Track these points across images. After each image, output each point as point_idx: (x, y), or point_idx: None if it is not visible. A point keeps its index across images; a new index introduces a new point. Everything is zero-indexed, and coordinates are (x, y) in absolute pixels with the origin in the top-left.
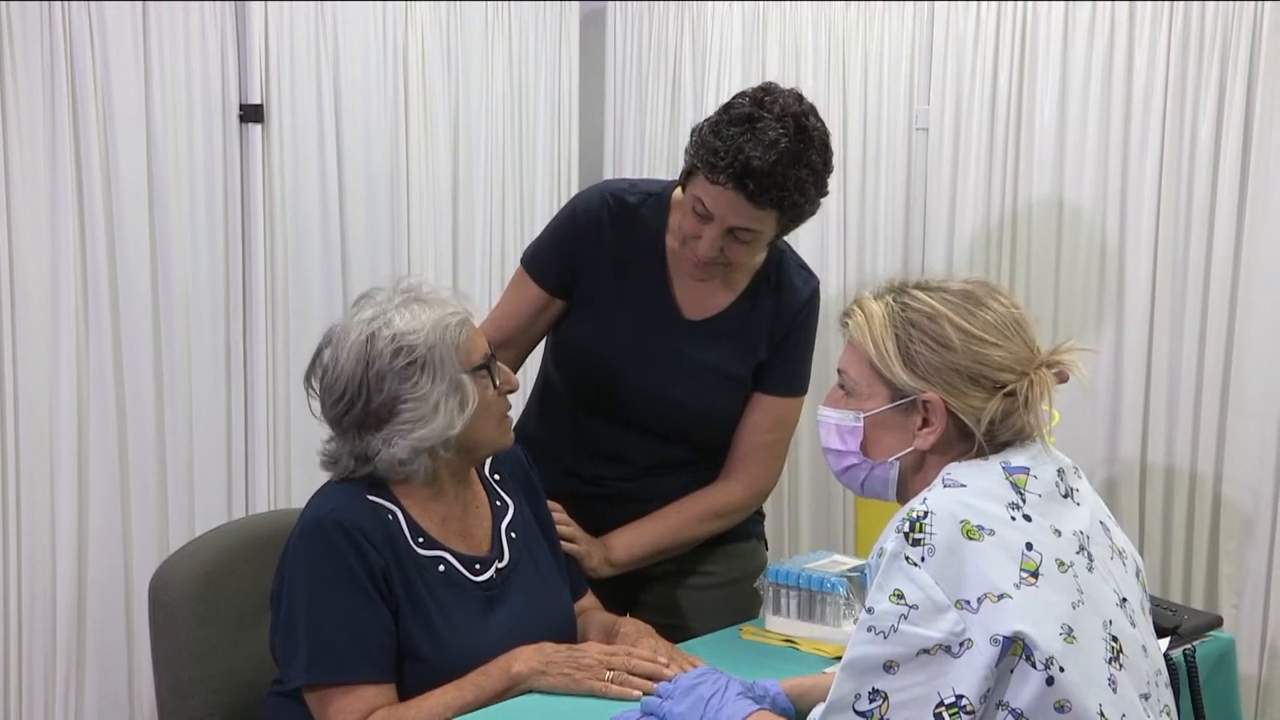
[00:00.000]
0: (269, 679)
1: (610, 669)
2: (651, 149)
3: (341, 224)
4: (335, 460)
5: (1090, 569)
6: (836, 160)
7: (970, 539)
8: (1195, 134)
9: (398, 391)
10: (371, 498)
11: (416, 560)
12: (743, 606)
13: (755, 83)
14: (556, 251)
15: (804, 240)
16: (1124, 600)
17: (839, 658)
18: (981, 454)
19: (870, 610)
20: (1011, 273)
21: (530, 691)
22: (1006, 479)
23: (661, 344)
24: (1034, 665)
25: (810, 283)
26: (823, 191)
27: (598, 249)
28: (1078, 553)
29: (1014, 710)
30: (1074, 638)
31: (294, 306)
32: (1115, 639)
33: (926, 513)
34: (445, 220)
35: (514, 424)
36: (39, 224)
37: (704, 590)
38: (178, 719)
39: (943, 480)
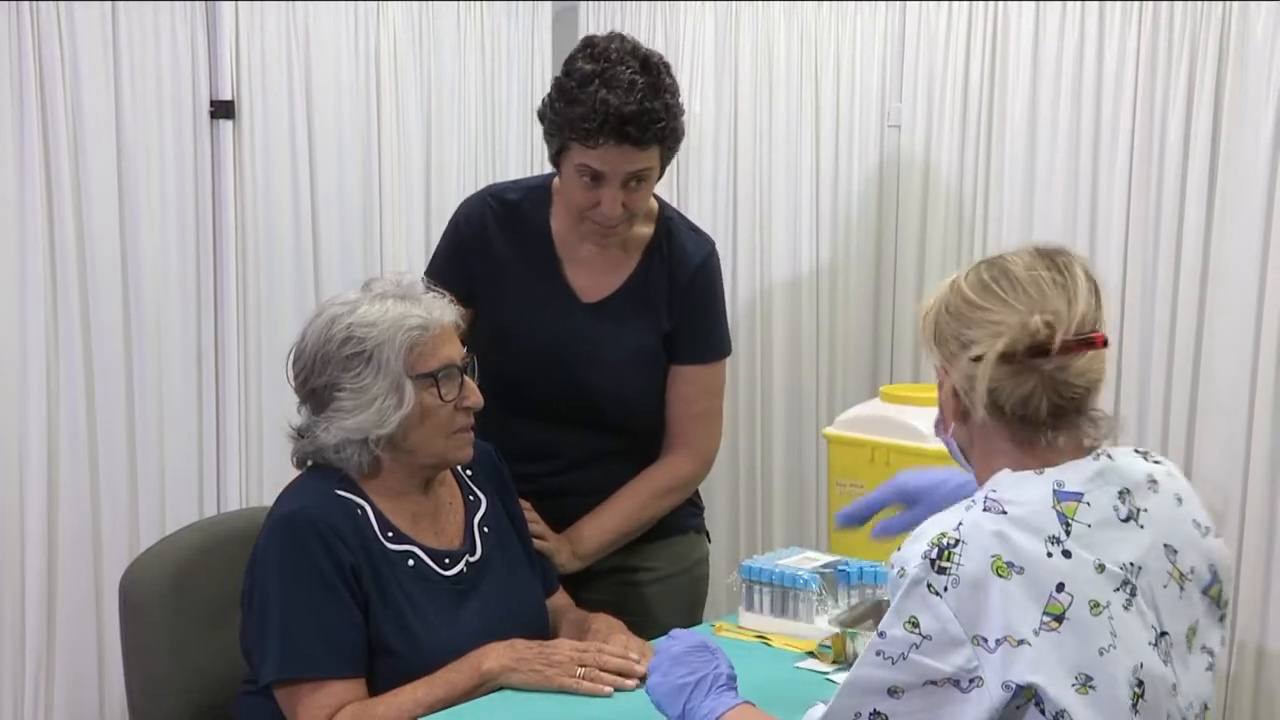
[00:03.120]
0: (240, 677)
1: (581, 665)
2: None
3: (313, 221)
4: (300, 434)
5: (1128, 606)
6: (810, 156)
7: (999, 576)
8: (1164, 132)
9: (337, 379)
10: (341, 493)
11: (386, 555)
12: (687, 600)
13: (728, 83)
14: (450, 263)
15: (778, 234)
16: (1162, 634)
17: (811, 653)
18: (1028, 445)
19: (882, 634)
20: None
21: (501, 688)
22: (1054, 506)
23: (565, 331)
24: (1043, 713)
25: (703, 245)
26: (682, 110)
27: (488, 251)
28: (1117, 589)
29: None
30: (1092, 687)
31: (265, 303)
32: (1141, 683)
33: (958, 541)
34: (418, 218)
35: None
36: (7, 221)
37: (648, 585)
38: (148, 717)
39: (985, 498)
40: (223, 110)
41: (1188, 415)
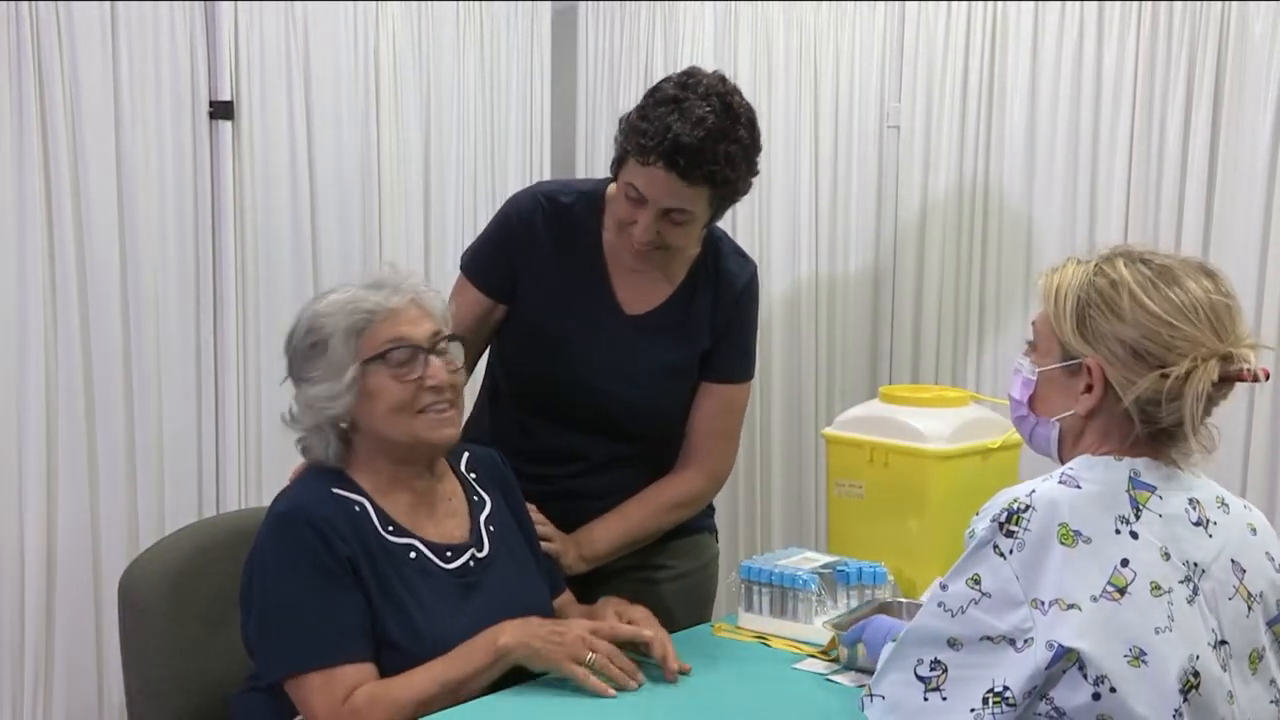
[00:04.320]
0: (239, 678)
1: (592, 650)
2: None
3: (312, 221)
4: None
5: (1190, 601)
6: (809, 156)
7: (1063, 543)
8: (1164, 133)
9: (300, 370)
10: (337, 491)
11: (386, 548)
12: (698, 598)
13: None
14: (494, 255)
15: (776, 237)
16: (1223, 642)
17: (811, 655)
18: (1138, 446)
19: (944, 586)
20: (982, 269)
21: (517, 664)
22: (1127, 491)
23: (605, 341)
24: (1085, 677)
25: (747, 268)
26: (753, 170)
27: (534, 250)
28: (1181, 582)
29: (1057, 708)
30: (1145, 662)
31: (264, 304)
32: (1196, 674)
33: (1029, 506)
34: (417, 219)
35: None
36: (6, 221)
37: (665, 583)
38: (147, 718)
39: (1062, 473)
40: (222, 111)
41: None
